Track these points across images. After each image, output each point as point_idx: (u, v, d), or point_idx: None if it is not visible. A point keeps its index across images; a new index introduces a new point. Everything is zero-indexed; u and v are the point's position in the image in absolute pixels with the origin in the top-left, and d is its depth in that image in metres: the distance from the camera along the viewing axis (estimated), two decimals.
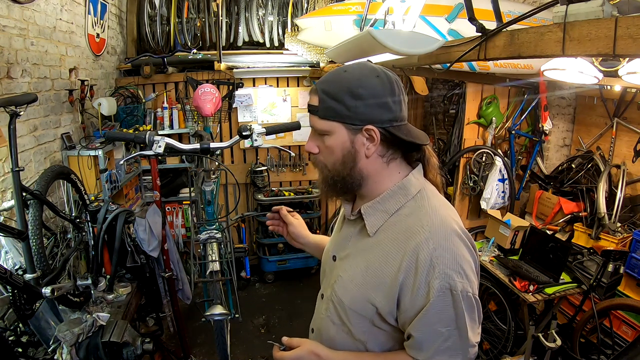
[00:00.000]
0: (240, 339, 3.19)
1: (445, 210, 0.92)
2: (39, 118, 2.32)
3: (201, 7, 4.07)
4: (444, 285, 0.81)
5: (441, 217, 0.88)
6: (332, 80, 0.90)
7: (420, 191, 0.93)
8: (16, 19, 2.06)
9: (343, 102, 0.87)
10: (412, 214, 0.90)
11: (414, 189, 0.93)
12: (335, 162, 0.92)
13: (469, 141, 3.41)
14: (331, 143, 0.91)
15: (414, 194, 0.92)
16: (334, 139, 0.91)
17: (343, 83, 0.88)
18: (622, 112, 2.94)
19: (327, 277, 1.07)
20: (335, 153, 0.91)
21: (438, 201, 0.93)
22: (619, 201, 2.66)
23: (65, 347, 1.46)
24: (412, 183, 0.94)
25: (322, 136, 0.92)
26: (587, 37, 1.11)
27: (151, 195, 3.36)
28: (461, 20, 2.53)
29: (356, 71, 0.90)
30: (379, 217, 0.94)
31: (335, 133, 0.90)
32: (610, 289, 2.50)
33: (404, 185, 0.93)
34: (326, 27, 2.64)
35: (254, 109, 4.06)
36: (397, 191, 0.93)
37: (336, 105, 0.88)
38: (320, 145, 0.94)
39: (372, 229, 0.94)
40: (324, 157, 0.94)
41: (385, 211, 0.93)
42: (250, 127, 2.05)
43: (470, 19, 1.61)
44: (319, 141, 0.94)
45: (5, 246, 1.78)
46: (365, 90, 0.87)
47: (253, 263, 4.20)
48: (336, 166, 0.93)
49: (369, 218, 0.94)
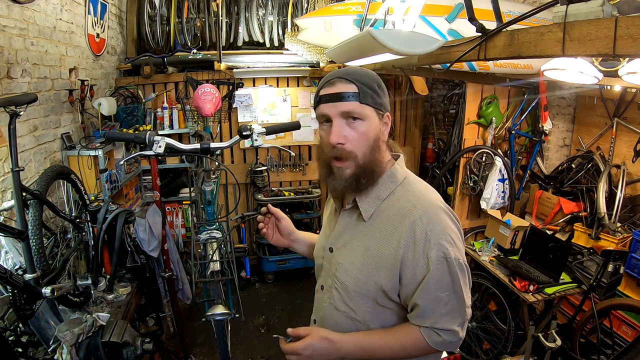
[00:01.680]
0: (241, 339, 3.19)
1: (429, 191, 1.03)
2: (39, 118, 2.32)
3: (201, 7, 4.07)
4: (439, 254, 0.92)
5: (427, 197, 0.99)
6: (360, 73, 0.99)
7: (407, 177, 1.04)
8: (16, 19, 2.06)
9: (375, 91, 0.98)
10: (403, 197, 1.00)
11: (400, 176, 1.03)
12: (367, 148, 0.98)
13: (469, 141, 3.41)
14: (367, 128, 0.97)
15: (401, 181, 1.03)
16: (368, 123, 0.97)
17: (370, 76, 0.99)
18: (622, 112, 2.94)
19: (325, 270, 1.12)
20: (369, 138, 0.97)
21: (421, 185, 1.04)
22: (619, 201, 2.66)
23: (65, 347, 1.46)
24: (398, 171, 1.04)
25: (353, 123, 0.97)
26: (587, 37, 1.11)
27: (151, 195, 3.36)
28: (461, 20, 2.53)
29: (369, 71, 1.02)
30: (372, 204, 1.02)
31: (371, 118, 0.98)
32: (610, 289, 2.50)
33: (392, 174, 1.03)
34: (326, 27, 2.64)
35: (254, 109, 4.06)
36: (386, 179, 1.03)
37: (371, 93, 0.97)
38: (350, 134, 0.97)
39: (367, 214, 1.02)
40: (354, 146, 0.97)
41: (378, 197, 1.02)
42: (250, 127, 2.05)
43: (470, 19, 1.61)
44: (348, 130, 0.97)
45: (5, 246, 1.78)
46: (382, 83, 1.02)
47: (253, 263, 4.20)
48: (367, 153, 0.98)
49: (363, 205, 1.02)
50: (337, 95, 0.96)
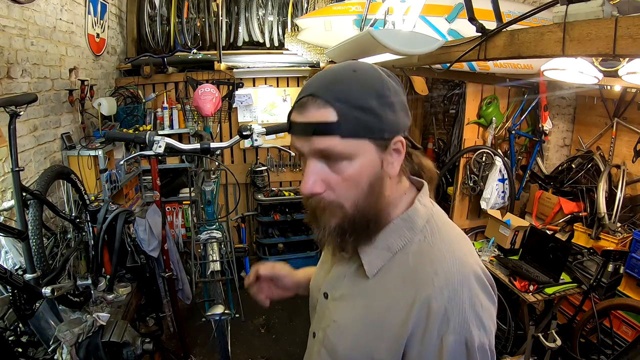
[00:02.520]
0: (240, 339, 3.19)
1: (461, 245, 0.74)
2: (39, 118, 2.32)
3: (201, 7, 4.07)
4: (459, 339, 0.67)
5: (458, 257, 0.70)
6: (345, 83, 0.67)
7: (429, 221, 0.75)
8: (16, 19, 2.06)
9: (372, 110, 0.66)
10: (422, 254, 0.72)
11: (421, 220, 0.74)
12: (360, 195, 0.69)
13: (469, 141, 3.41)
14: (355, 171, 0.68)
15: (422, 226, 0.74)
16: (359, 163, 0.67)
17: (364, 84, 0.67)
18: (622, 112, 2.94)
19: (317, 315, 0.90)
20: (360, 183, 0.69)
21: (451, 234, 0.75)
22: (619, 201, 2.66)
23: (65, 347, 1.46)
24: (419, 213, 0.75)
25: (335, 165, 0.68)
26: (587, 37, 1.11)
27: (151, 195, 3.36)
28: (461, 20, 2.53)
29: (369, 69, 0.70)
30: (379, 256, 0.74)
31: (363, 155, 0.67)
32: (610, 289, 2.51)
33: (409, 217, 0.74)
34: (326, 27, 2.64)
35: (254, 109, 4.06)
36: (401, 224, 0.74)
37: (364, 115, 0.66)
38: (332, 179, 0.69)
39: (372, 270, 0.74)
40: (338, 195, 0.70)
41: (388, 249, 0.74)
42: (251, 127, 2.05)
43: (470, 19, 1.61)
44: (328, 174, 0.69)
45: (5, 246, 1.78)
46: (390, 91, 0.69)
47: (253, 263, 4.18)
48: (359, 202, 0.70)
49: (367, 257, 0.75)
50: (307, 126, 0.67)
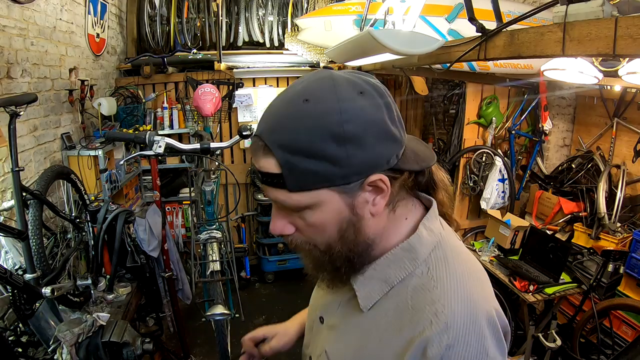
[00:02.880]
0: (240, 339, 3.19)
1: (472, 281, 0.63)
2: (39, 118, 2.32)
3: (201, 7, 4.07)
4: None
5: (467, 297, 0.59)
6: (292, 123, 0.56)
7: (436, 250, 0.64)
8: (16, 19, 2.06)
9: (325, 157, 0.55)
10: (423, 290, 0.61)
11: (425, 249, 0.64)
12: (330, 239, 0.63)
13: (469, 141, 3.41)
14: (319, 218, 0.61)
15: (427, 256, 0.64)
16: (322, 212, 0.60)
17: (315, 123, 0.55)
18: (622, 112, 2.94)
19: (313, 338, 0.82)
20: (327, 229, 0.62)
21: (461, 266, 0.64)
22: (619, 201, 2.66)
23: (65, 347, 1.46)
24: (422, 241, 0.65)
25: (298, 212, 0.62)
26: (587, 37, 1.11)
27: (151, 195, 3.36)
28: (461, 20, 2.53)
29: (325, 94, 0.56)
30: (375, 289, 0.66)
31: (323, 204, 0.59)
32: (610, 289, 2.51)
33: (411, 247, 0.64)
34: (326, 27, 2.64)
35: (254, 109, 4.06)
36: (401, 254, 0.65)
37: (315, 164, 0.56)
38: (298, 223, 0.63)
39: (367, 304, 0.66)
40: (308, 236, 0.64)
41: (385, 281, 0.65)
42: (251, 127, 2.06)
43: (470, 19, 1.61)
44: (294, 217, 0.63)
45: (5, 246, 1.78)
46: (355, 123, 0.55)
47: (253, 263, 4.19)
48: (331, 245, 0.63)
49: (363, 289, 0.66)
50: (260, 175, 0.63)
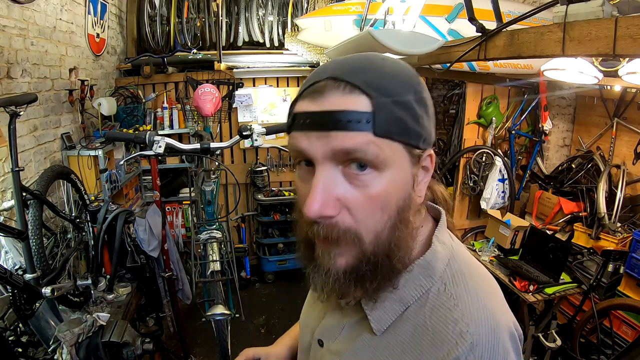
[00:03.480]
0: (241, 339, 3.19)
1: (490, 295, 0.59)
2: (39, 118, 2.32)
3: (201, 7, 4.07)
4: None
5: (489, 313, 0.55)
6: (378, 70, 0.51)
7: (450, 265, 0.58)
8: (16, 19, 2.06)
9: (410, 107, 0.51)
10: (443, 309, 0.55)
11: (440, 265, 0.58)
12: (385, 224, 0.52)
13: (469, 141, 3.41)
14: (384, 187, 0.50)
15: (442, 271, 0.58)
16: (391, 176, 0.51)
17: (401, 78, 0.52)
18: (622, 112, 2.94)
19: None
20: (388, 206, 0.52)
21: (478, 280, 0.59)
22: (619, 201, 2.66)
23: (65, 347, 1.46)
24: (438, 256, 0.58)
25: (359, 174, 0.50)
26: (587, 37, 1.11)
27: (151, 195, 3.36)
28: (461, 20, 2.53)
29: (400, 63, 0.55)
30: (390, 310, 0.58)
31: (396, 165, 0.51)
32: (610, 289, 2.51)
33: (427, 263, 0.58)
34: (326, 27, 2.64)
35: (254, 109, 4.06)
36: (417, 272, 0.58)
37: (401, 112, 0.50)
38: (350, 197, 0.51)
39: (381, 327, 0.58)
40: (357, 220, 0.51)
41: (400, 300, 0.57)
42: (251, 127, 2.06)
43: (470, 19, 1.61)
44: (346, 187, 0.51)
45: (5, 246, 1.78)
46: (426, 93, 0.54)
47: (253, 263, 4.19)
48: (382, 234, 0.53)
49: (375, 311, 0.58)
50: (325, 116, 0.49)
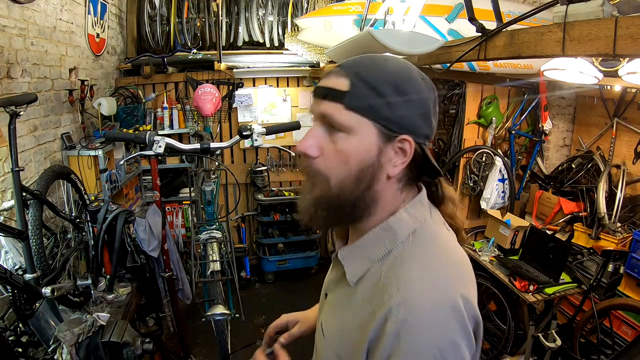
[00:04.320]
0: (241, 339, 3.19)
1: (446, 267, 0.65)
2: (39, 118, 2.32)
3: (201, 7, 4.07)
4: None
5: (434, 279, 0.62)
6: (370, 66, 0.68)
7: (415, 233, 0.68)
8: (16, 19, 2.06)
9: (384, 95, 0.65)
10: (394, 267, 0.65)
11: (404, 231, 0.68)
12: (346, 176, 0.67)
13: (469, 141, 3.41)
14: (349, 146, 0.66)
15: (403, 238, 0.68)
16: (355, 141, 0.66)
17: (387, 72, 0.67)
18: (622, 112, 2.94)
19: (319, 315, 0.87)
20: (349, 162, 0.66)
21: (436, 249, 0.67)
22: (619, 201, 2.66)
23: (65, 347, 1.46)
24: (402, 222, 0.69)
25: (333, 134, 0.67)
26: (587, 37, 1.11)
27: (151, 195, 3.36)
28: (461, 20, 2.53)
29: (400, 64, 0.70)
30: (359, 265, 0.71)
31: (360, 133, 0.65)
32: (610, 289, 2.51)
33: (389, 226, 0.69)
34: (326, 27, 2.64)
35: (254, 109, 4.06)
36: (382, 234, 0.69)
37: (373, 96, 0.65)
38: (327, 148, 0.68)
39: (352, 278, 0.71)
40: (326, 166, 0.68)
41: (368, 258, 0.70)
42: (251, 127, 2.06)
43: (470, 19, 1.61)
44: (325, 141, 0.68)
45: (5, 246, 1.78)
46: (413, 89, 0.67)
47: (253, 263, 4.19)
48: (345, 183, 0.67)
49: (349, 264, 0.72)
50: (320, 90, 0.69)
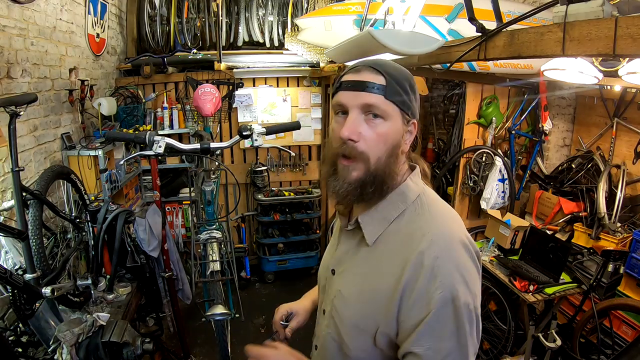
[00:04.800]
0: (241, 339, 3.19)
1: (448, 217, 0.85)
2: (39, 118, 2.32)
3: (201, 7, 4.07)
4: (445, 296, 0.75)
5: (444, 225, 0.82)
6: (391, 67, 0.86)
7: (420, 196, 0.88)
8: (16, 19, 2.06)
9: (405, 90, 0.84)
10: (412, 221, 0.84)
11: (412, 194, 0.87)
12: (383, 153, 0.83)
13: (469, 141, 3.41)
14: (387, 129, 0.83)
15: (413, 199, 0.87)
16: (390, 125, 0.83)
17: (402, 72, 0.87)
18: (622, 112, 2.94)
19: (327, 293, 0.99)
20: (387, 142, 0.83)
21: (438, 208, 0.87)
22: (619, 201, 2.66)
23: (65, 347, 1.46)
24: (410, 188, 0.88)
25: (373, 120, 0.83)
26: (587, 37, 1.11)
27: (151, 195, 3.36)
28: (461, 20, 2.53)
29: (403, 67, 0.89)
30: (377, 226, 0.87)
31: (394, 119, 0.84)
32: (610, 289, 2.50)
33: (401, 191, 0.88)
34: (326, 27, 2.63)
35: (254, 109, 4.06)
36: (395, 198, 0.87)
37: (400, 90, 0.84)
38: (367, 132, 0.82)
39: (371, 238, 0.87)
40: (368, 147, 0.82)
41: (385, 219, 0.87)
42: (251, 127, 2.06)
43: (470, 19, 1.60)
44: (365, 127, 0.83)
45: (5, 246, 1.78)
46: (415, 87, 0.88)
47: (253, 263, 4.20)
48: (382, 159, 0.83)
49: (367, 227, 0.88)
50: (361, 83, 0.83)
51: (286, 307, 1.19)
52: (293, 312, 1.17)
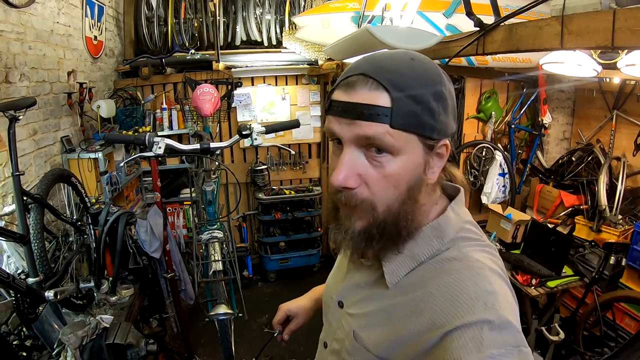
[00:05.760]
0: (244, 338, 3.20)
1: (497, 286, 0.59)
2: (39, 122, 2.32)
3: (198, 7, 4.06)
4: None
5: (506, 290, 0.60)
6: (400, 69, 0.59)
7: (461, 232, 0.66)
8: (13, 23, 2.06)
9: (427, 105, 0.58)
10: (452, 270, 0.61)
11: (452, 230, 0.66)
12: (396, 198, 0.61)
13: (468, 136, 3.41)
14: (397, 169, 0.59)
15: (453, 237, 0.65)
16: (404, 161, 0.59)
17: (420, 74, 0.59)
18: (621, 104, 2.94)
19: (331, 326, 0.81)
20: (399, 184, 0.60)
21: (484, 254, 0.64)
22: (620, 193, 2.66)
23: (70, 350, 1.46)
24: (450, 221, 0.66)
25: (377, 156, 0.59)
26: (585, 30, 1.11)
27: (152, 197, 3.36)
28: (459, 15, 2.52)
29: (426, 61, 0.63)
30: (403, 265, 0.66)
31: (408, 152, 0.59)
32: (612, 282, 2.51)
33: (439, 226, 0.66)
34: (324, 24, 2.63)
35: (253, 108, 4.06)
36: (429, 233, 0.65)
37: (417, 108, 0.58)
38: (369, 174, 0.60)
39: (393, 279, 0.66)
40: (373, 192, 0.61)
41: (413, 257, 0.66)
42: (250, 126, 2.05)
43: (468, 14, 1.60)
44: (365, 166, 0.60)
45: (7, 250, 1.78)
46: (447, 90, 0.61)
47: (255, 262, 4.20)
48: (395, 205, 0.61)
49: (390, 265, 0.67)
50: (353, 107, 0.58)
51: (286, 307, 1.15)
52: (292, 315, 1.13)
